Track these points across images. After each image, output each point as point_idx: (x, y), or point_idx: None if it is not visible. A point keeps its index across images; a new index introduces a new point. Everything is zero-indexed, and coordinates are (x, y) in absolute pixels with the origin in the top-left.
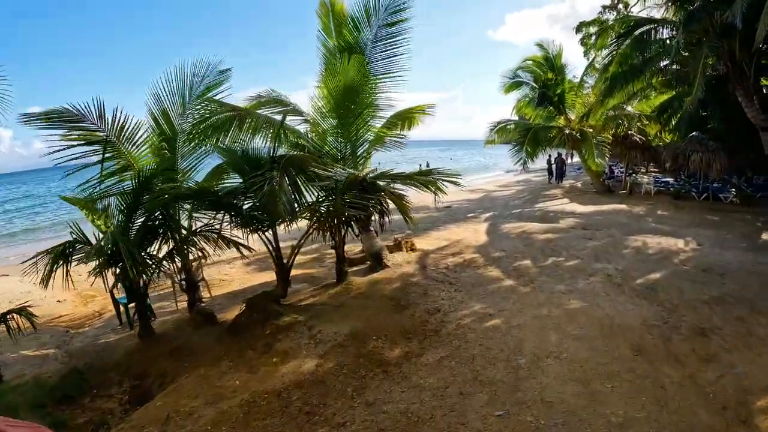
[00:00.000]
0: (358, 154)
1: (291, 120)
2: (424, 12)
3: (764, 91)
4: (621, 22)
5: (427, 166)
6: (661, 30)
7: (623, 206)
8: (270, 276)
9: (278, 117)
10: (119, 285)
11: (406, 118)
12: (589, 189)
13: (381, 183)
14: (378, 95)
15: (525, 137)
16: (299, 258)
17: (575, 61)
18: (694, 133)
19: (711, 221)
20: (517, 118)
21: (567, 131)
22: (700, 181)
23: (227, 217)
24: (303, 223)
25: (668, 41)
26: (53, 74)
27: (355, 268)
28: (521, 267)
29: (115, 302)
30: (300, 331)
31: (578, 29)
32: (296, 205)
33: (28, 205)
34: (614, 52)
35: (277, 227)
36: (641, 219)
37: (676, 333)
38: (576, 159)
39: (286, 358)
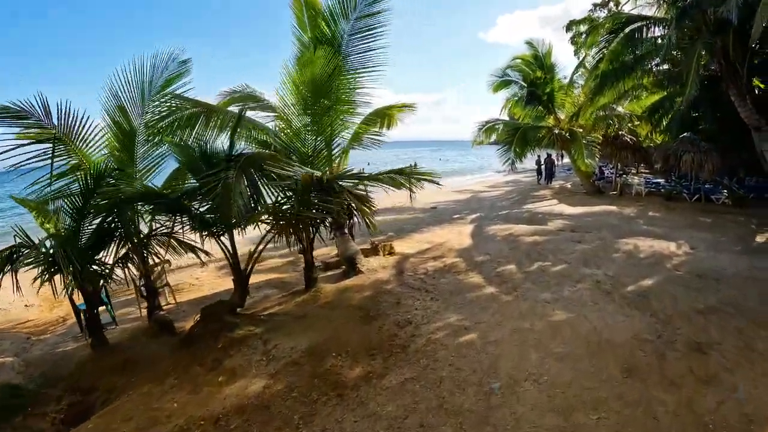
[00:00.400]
0: (334, 152)
1: (263, 117)
2: (419, 12)
3: (756, 91)
4: (612, 20)
5: (415, 166)
6: (652, 28)
7: (613, 207)
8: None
9: (248, 113)
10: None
11: (385, 115)
12: (578, 190)
13: (343, 183)
14: (355, 91)
15: (513, 137)
16: (274, 262)
17: (565, 62)
18: (685, 134)
19: (704, 223)
20: (507, 117)
21: (556, 131)
22: (691, 182)
23: (184, 221)
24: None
25: (660, 40)
26: (53, 74)
27: (330, 273)
28: (505, 272)
29: (75, 309)
30: (254, 346)
31: (568, 27)
32: (257, 207)
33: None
34: (605, 50)
35: (234, 231)
36: (632, 221)
37: (671, 349)
38: (566, 160)
39: (233, 377)
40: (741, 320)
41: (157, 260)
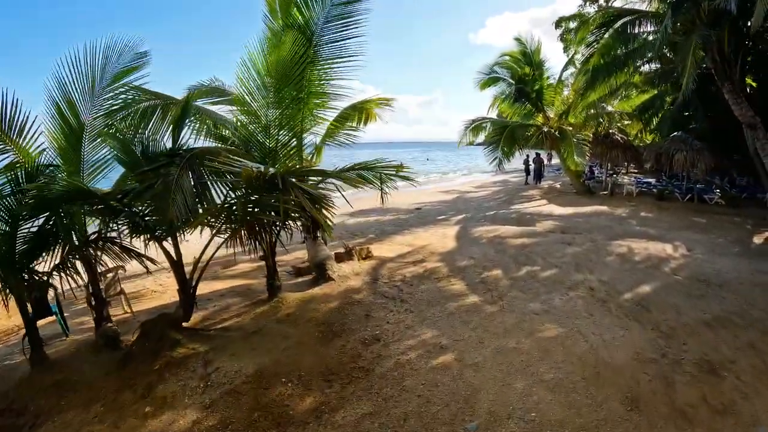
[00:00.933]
0: (306, 149)
1: (229, 111)
2: (408, 11)
3: (748, 90)
4: (602, 14)
5: (401, 166)
6: (644, 22)
7: (604, 208)
8: (212, 286)
9: (211, 107)
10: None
11: (362, 110)
12: (568, 190)
13: (311, 181)
14: (329, 83)
15: (501, 135)
16: (244, 267)
17: (554, 62)
18: (676, 133)
19: (699, 224)
20: (495, 116)
21: (545, 129)
22: (683, 181)
23: (122, 223)
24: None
25: (652, 36)
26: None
27: (300, 279)
28: (489, 278)
29: (25, 318)
30: (193, 368)
31: (558, 24)
32: (204, 206)
33: None
34: (595, 44)
35: (177, 234)
36: (624, 221)
37: (680, 371)
38: (556, 160)
39: (162, 407)
40: (753, 333)
41: (107, 266)
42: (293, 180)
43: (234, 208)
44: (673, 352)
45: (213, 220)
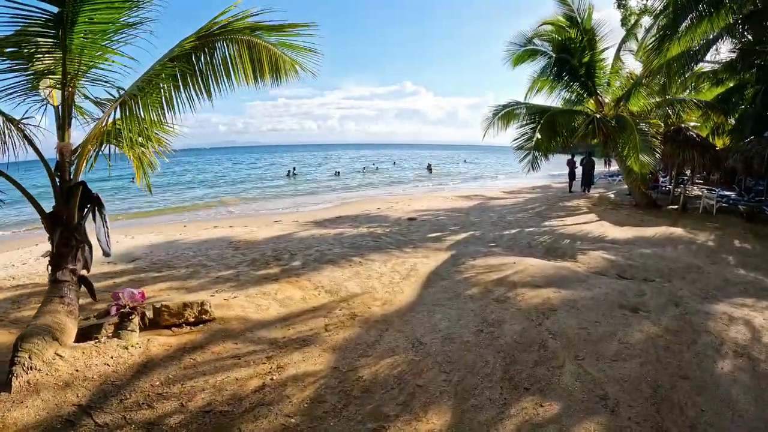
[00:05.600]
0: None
1: None
2: (457, 14)
3: None
4: None
5: (430, 168)
6: None
7: (679, 231)
8: None
9: None
10: None
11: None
12: (624, 201)
13: None
14: None
15: (537, 124)
16: None
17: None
18: None
19: None
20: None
21: (598, 116)
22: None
23: None
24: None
25: None
26: None
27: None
28: None
29: None
30: None
31: None
32: None
33: None
34: None
35: None
36: (717, 257)
37: None
38: (614, 167)
39: None
40: None
41: None
42: None
43: None
44: None
45: None
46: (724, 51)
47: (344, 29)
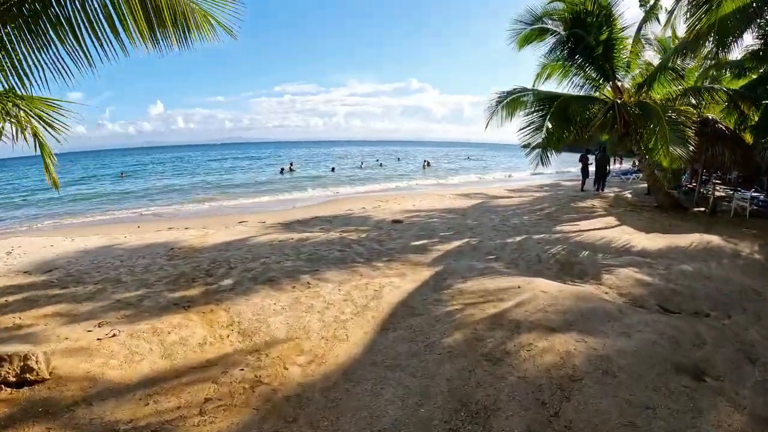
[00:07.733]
0: None
1: None
2: (464, 14)
3: None
4: None
5: (427, 164)
6: None
7: (715, 239)
8: None
9: None
10: None
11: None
12: (643, 201)
13: None
14: None
15: (546, 112)
16: None
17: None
18: None
19: None
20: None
21: (619, 101)
22: None
23: None
24: None
25: None
26: None
27: None
28: None
29: None
30: None
31: None
32: None
33: None
34: None
35: None
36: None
37: None
38: (626, 164)
39: None
40: None
41: None
42: None
43: None
44: None
45: None
46: (747, 39)
47: (350, 26)
